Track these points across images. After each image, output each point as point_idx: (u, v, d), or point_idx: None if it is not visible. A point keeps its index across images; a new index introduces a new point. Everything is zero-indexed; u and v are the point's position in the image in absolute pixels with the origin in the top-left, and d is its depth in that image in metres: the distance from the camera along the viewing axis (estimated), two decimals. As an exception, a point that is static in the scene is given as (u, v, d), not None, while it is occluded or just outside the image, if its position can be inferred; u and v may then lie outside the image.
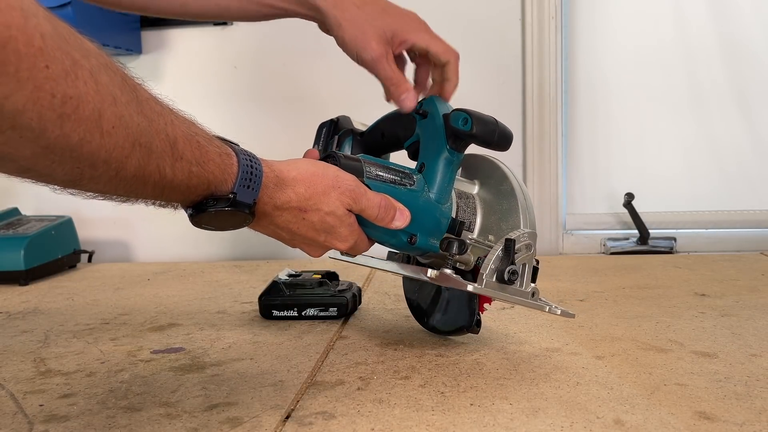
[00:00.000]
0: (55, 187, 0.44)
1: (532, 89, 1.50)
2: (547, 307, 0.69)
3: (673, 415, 0.57)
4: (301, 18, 0.79)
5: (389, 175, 0.67)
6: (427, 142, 0.71)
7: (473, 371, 0.69)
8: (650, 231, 1.48)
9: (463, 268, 0.70)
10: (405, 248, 0.70)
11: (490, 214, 0.71)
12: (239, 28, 1.54)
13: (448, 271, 0.65)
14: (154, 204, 0.52)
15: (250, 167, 0.55)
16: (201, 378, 0.69)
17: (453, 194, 0.70)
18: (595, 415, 0.57)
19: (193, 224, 0.55)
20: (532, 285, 0.68)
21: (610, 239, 1.52)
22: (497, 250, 0.66)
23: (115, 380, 0.69)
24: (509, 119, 1.51)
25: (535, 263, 0.69)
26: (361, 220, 0.64)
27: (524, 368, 0.69)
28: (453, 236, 0.68)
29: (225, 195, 0.53)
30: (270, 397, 0.63)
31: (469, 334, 0.80)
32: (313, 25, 0.79)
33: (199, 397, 0.63)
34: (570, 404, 0.59)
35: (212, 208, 0.53)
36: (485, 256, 0.66)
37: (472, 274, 0.69)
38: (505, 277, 0.65)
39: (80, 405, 0.63)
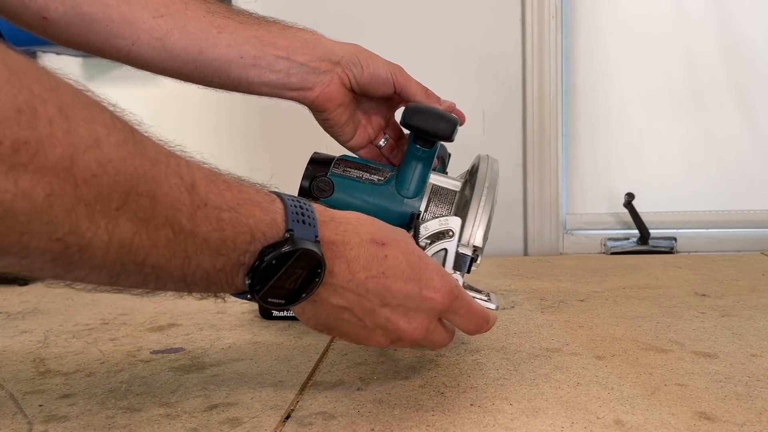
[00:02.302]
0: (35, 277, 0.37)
1: (532, 89, 1.50)
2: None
3: (673, 415, 0.57)
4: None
5: (357, 171, 0.72)
6: (407, 142, 0.74)
7: (473, 371, 0.69)
8: (650, 231, 1.47)
9: None
10: None
11: (461, 208, 0.72)
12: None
13: None
14: (181, 289, 0.42)
15: (296, 200, 0.45)
16: (201, 378, 0.69)
17: (428, 190, 0.72)
18: (595, 415, 0.57)
19: (260, 300, 0.44)
20: (456, 273, 0.66)
21: (610, 239, 1.52)
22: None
23: (115, 380, 0.69)
24: (509, 119, 1.53)
25: (468, 252, 0.67)
26: None
27: (524, 368, 0.69)
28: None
29: (279, 238, 0.42)
30: (270, 397, 0.63)
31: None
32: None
33: (199, 398, 0.63)
34: (570, 404, 0.59)
35: (268, 255, 0.42)
36: None
37: None
38: None
39: (80, 405, 0.62)
